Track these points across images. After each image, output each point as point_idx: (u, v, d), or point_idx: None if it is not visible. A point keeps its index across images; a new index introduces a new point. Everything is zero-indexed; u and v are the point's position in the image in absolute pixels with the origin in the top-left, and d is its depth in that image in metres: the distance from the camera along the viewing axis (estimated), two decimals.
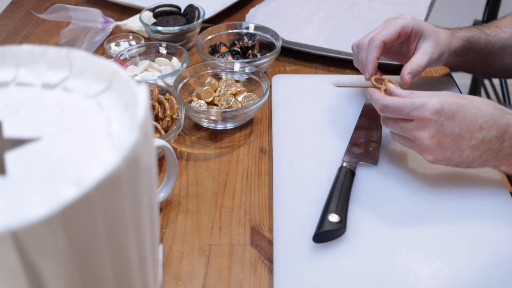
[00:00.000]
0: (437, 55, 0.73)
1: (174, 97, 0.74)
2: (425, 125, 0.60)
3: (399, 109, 0.62)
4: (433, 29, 0.74)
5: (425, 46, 0.73)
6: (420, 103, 0.61)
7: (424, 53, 0.72)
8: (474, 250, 0.58)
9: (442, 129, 0.60)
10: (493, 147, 0.61)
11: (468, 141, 0.60)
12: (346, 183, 0.64)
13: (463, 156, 0.61)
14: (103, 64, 0.40)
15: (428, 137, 0.60)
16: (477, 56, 0.80)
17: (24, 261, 0.31)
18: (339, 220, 0.59)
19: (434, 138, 0.60)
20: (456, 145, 0.61)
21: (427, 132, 0.60)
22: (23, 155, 0.35)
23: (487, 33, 0.80)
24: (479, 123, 0.60)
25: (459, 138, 0.60)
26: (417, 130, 0.61)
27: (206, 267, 0.58)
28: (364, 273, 0.56)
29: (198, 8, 0.99)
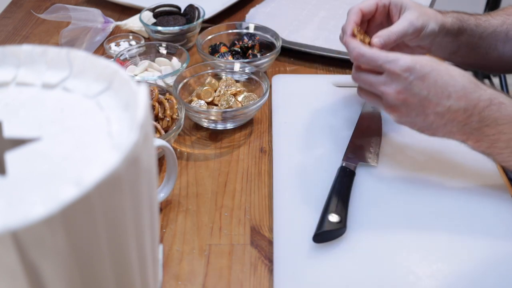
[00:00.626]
0: (420, 23, 0.70)
1: (174, 97, 0.74)
2: (393, 80, 0.60)
3: (372, 59, 0.62)
4: (416, 3, 0.73)
5: (405, 14, 0.71)
6: (393, 57, 0.60)
7: (403, 20, 0.70)
8: (474, 251, 0.58)
9: (410, 87, 0.59)
10: (459, 118, 0.60)
11: (434, 106, 0.59)
12: (346, 183, 0.64)
13: (427, 120, 0.61)
14: (103, 64, 0.40)
15: (394, 93, 0.60)
16: (469, 38, 0.78)
17: (24, 261, 0.31)
18: (339, 220, 0.59)
19: (400, 95, 0.60)
20: (421, 107, 0.60)
21: (394, 87, 0.60)
22: (23, 155, 0.35)
23: (478, 17, 0.79)
24: (448, 91, 0.59)
25: (425, 101, 0.60)
26: (385, 85, 0.61)
27: (206, 267, 0.58)
28: (364, 273, 0.56)
29: (198, 8, 0.99)
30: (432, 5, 1.08)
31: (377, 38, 0.68)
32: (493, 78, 1.83)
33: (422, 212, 0.62)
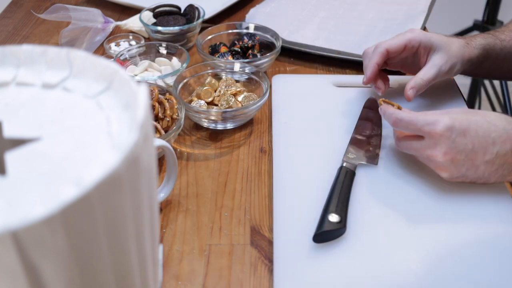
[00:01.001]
0: (448, 67, 0.73)
1: (174, 97, 0.74)
2: (436, 142, 0.60)
3: (412, 124, 0.62)
4: (444, 40, 0.74)
5: (434, 58, 0.73)
6: (432, 119, 0.61)
7: (432, 66, 0.73)
8: (475, 251, 0.58)
9: (455, 145, 0.60)
10: (508, 161, 0.61)
11: (482, 156, 0.60)
12: (346, 183, 0.64)
13: (478, 172, 0.61)
14: (103, 64, 0.40)
15: (441, 155, 0.60)
16: (493, 62, 0.79)
17: (24, 261, 0.31)
18: (339, 220, 0.59)
19: (447, 155, 0.60)
20: (470, 161, 0.60)
21: (439, 150, 0.60)
22: (23, 155, 0.35)
23: (502, 38, 0.79)
24: (492, 138, 0.60)
25: (472, 154, 0.60)
26: (430, 148, 0.61)
27: (206, 267, 0.58)
28: (364, 273, 0.56)
29: (198, 8, 0.99)
30: (432, 5, 1.08)
31: (411, 90, 0.71)
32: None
33: (422, 212, 0.62)
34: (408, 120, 0.63)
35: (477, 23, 1.80)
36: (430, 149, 0.61)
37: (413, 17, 1.03)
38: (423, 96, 0.82)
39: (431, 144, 0.61)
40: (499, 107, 1.81)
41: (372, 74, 0.74)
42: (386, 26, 1.02)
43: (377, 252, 0.58)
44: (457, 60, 0.74)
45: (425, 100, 0.81)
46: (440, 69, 0.73)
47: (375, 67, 0.74)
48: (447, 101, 0.81)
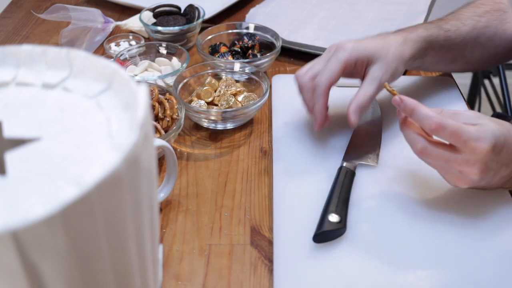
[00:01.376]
0: (389, 74, 0.69)
1: (174, 97, 0.74)
2: (477, 160, 0.55)
3: (457, 134, 0.55)
4: (380, 46, 0.69)
5: (373, 71, 0.68)
6: (477, 134, 0.55)
7: (372, 80, 0.68)
8: (475, 251, 0.58)
9: (491, 164, 0.56)
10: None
11: (505, 170, 0.58)
12: (346, 183, 0.64)
13: (492, 182, 0.59)
14: (103, 64, 0.40)
15: (478, 172, 0.56)
16: (435, 54, 0.76)
17: (24, 261, 0.31)
18: (339, 220, 0.59)
19: (482, 174, 0.56)
20: (494, 176, 0.58)
21: (478, 167, 0.56)
22: (23, 155, 0.35)
23: (446, 28, 0.76)
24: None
25: (498, 170, 0.58)
26: (467, 164, 0.56)
27: (206, 267, 0.58)
28: (364, 273, 0.56)
29: (198, 8, 0.99)
30: (432, 5, 1.08)
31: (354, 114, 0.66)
32: (493, 78, 1.82)
33: (422, 212, 0.62)
34: (454, 130, 0.55)
35: None
36: (467, 165, 0.56)
37: (413, 17, 1.03)
38: (422, 96, 0.82)
39: (470, 161, 0.56)
40: (499, 107, 1.81)
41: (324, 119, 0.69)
42: (386, 26, 1.02)
43: (377, 252, 0.58)
44: (397, 63, 0.70)
45: (425, 100, 0.81)
46: (381, 81, 0.68)
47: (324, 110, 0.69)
48: (447, 101, 0.81)
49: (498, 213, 0.62)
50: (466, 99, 1.38)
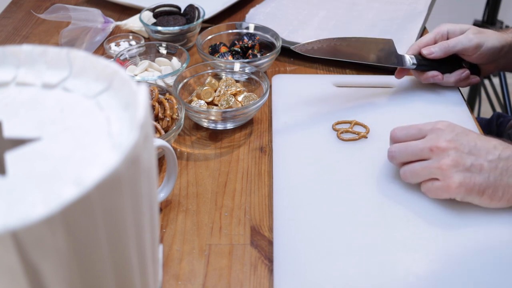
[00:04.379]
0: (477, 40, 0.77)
1: (174, 97, 0.74)
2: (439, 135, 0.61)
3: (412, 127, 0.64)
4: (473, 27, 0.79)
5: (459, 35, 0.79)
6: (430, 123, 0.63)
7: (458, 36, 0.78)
8: (475, 251, 0.58)
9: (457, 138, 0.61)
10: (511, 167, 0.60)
11: (485, 155, 0.60)
12: None
13: (483, 172, 0.59)
14: (103, 64, 0.40)
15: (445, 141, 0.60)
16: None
17: (24, 261, 0.31)
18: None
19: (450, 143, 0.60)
20: (473, 156, 0.60)
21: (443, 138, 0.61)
22: (23, 155, 0.35)
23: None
24: (492, 144, 0.61)
25: (475, 150, 0.60)
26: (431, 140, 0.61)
27: (206, 267, 0.58)
28: (364, 273, 0.56)
29: (198, 8, 0.99)
30: (432, 5, 1.08)
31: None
32: (493, 78, 1.83)
33: (422, 212, 0.62)
34: (407, 126, 0.65)
35: (477, 23, 1.80)
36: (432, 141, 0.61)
37: (413, 17, 1.04)
38: (422, 97, 0.82)
39: (433, 138, 0.61)
40: (499, 107, 1.81)
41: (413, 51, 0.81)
42: (386, 26, 1.02)
43: (377, 252, 0.58)
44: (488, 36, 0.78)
45: (425, 101, 0.81)
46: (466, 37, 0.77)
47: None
48: (447, 101, 0.81)
49: (498, 212, 0.62)
50: (466, 99, 1.38)
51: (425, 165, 0.61)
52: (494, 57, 0.80)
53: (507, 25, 1.71)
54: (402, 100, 0.81)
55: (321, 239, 0.59)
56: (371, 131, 0.75)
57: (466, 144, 0.60)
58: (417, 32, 0.98)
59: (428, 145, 0.61)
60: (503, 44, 0.78)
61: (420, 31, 0.99)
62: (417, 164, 0.62)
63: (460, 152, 0.60)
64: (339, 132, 0.74)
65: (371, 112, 0.78)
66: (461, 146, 0.60)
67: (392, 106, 0.80)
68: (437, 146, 0.60)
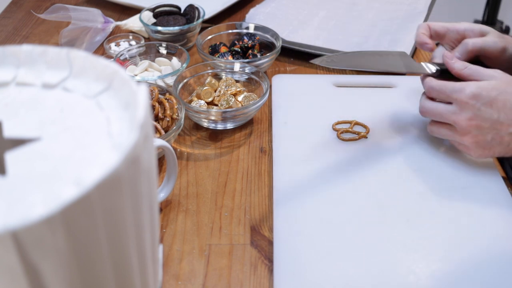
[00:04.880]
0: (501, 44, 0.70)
1: (174, 97, 0.74)
2: (462, 108, 0.63)
3: (442, 91, 0.65)
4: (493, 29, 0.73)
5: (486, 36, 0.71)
6: (459, 87, 0.63)
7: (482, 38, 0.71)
8: (474, 250, 0.58)
9: (480, 113, 0.62)
10: None
11: (507, 127, 0.62)
12: None
13: (503, 143, 0.63)
14: (103, 64, 0.40)
15: (466, 119, 0.63)
16: None
17: (24, 261, 0.31)
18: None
19: (472, 121, 0.62)
20: (494, 130, 0.62)
21: (464, 115, 0.63)
22: (23, 155, 0.35)
23: None
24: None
25: (497, 124, 0.62)
26: (455, 114, 0.63)
27: (206, 267, 0.58)
28: (364, 273, 0.56)
29: (198, 8, 0.99)
30: (432, 5, 1.08)
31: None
32: None
33: (422, 213, 0.62)
34: (438, 88, 0.65)
35: (477, 23, 1.80)
36: (455, 114, 0.63)
37: (413, 17, 1.04)
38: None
39: (457, 110, 0.63)
40: None
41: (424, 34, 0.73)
42: (386, 26, 1.02)
43: (377, 252, 0.58)
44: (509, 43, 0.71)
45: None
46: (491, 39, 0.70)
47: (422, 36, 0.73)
48: None
49: (498, 212, 0.62)
50: None
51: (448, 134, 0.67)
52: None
53: (507, 25, 1.71)
54: (402, 100, 0.81)
55: (321, 239, 0.59)
56: (371, 131, 0.75)
57: (488, 119, 0.62)
58: None
59: (452, 119, 0.64)
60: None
61: None
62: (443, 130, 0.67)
63: (480, 130, 0.63)
64: (339, 132, 0.74)
65: (371, 112, 0.78)
66: (482, 122, 0.62)
67: (392, 106, 0.80)
68: (458, 123, 0.64)
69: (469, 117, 0.62)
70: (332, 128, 0.75)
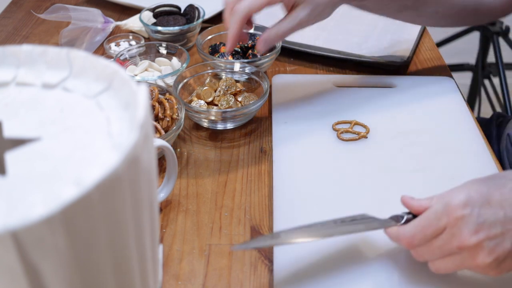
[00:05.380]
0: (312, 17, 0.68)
1: (174, 97, 0.74)
2: (460, 225, 0.48)
3: (423, 231, 0.50)
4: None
5: (296, 10, 0.68)
6: (441, 207, 0.49)
7: (292, 18, 0.69)
8: None
9: (483, 219, 0.48)
10: None
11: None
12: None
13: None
14: (103, 64, 0.40)
15: (470, 235, 0.47)
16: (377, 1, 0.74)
17: (24, 261, 0.31)
18: None
19: (479, 233, 0.47)
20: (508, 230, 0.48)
21: (467, 231, 0.47)
22: (23, 155, 0.35)
23: None
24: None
25: (508, 221, 0.48)
26: (455, 237, 0.48)
27: (206, 267, 0.58)
28: (364, 273, 0.56)
29: (198, 8, 0.99)
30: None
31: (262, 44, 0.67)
32: (493, 78, 1.82)
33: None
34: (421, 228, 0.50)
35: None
36: (455, 237, 0.48)
37: None
38: (422, 96, 0.82)
39: (455, 232, 0.48)
40: (499, 107, 1.81)
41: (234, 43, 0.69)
42: (386, 26, 1.02)
43: (377, 252, 0.58)
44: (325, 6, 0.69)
45: (425, 101, 0.81)
46: (301, 21, 0.68)
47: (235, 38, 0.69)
48: (447, 101, 0.81)
49: None
50: (466, 99, 1.38)
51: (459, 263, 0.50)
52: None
53: (507, 25, 1.71)
54: (402, 100, 0.81)
55: (321, 239, 0.59)
56: (371, 131, 0.75)
57: (494, 222, 0.48)
58: (417, 32, 0.98)
59: (455, 244, 0.49)
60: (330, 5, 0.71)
61: (420, 31, 0.99)
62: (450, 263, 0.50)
63: (494, 239, 0.48)
64: (339, 132, 0.74)
65: (371, 112, 0.78)
66: (491, 228, 0.48)
67: (392, 106, 0.80)
68: (465, 245, 0.48)
69: (474, 230, 0.47)
70: (332, 128, 0.75)
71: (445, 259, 0.50)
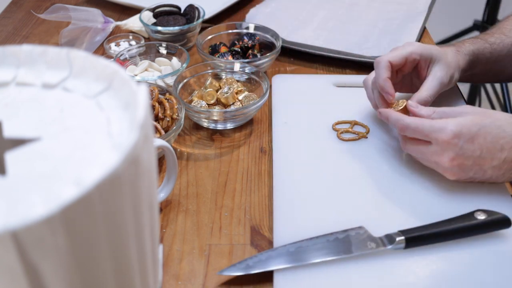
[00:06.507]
0: (448, 78, 0.72)
1: (174, 97, 0.74)
2: (444, 149, 0.61)
3: (418, 130, 0.62)
4: (441, 51, 0.73)
5: (435, 70, 0.71)
6: (439, 126, 0.61)
7: (434, 78, 0.71)
8: (474, 250, 0.58)
9: (462, 152, 0.60)
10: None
11: (490, 162, 0.61)
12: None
13: (485, 175, 0.62)
14: (103, 64, 0.40)
15: (448, 161, 0.61)
16: (484, 67, 0.78)
17: (24, 261, 0.31)
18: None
19: (454, 161, 0.61)
20: (477, 166, 0.61)
21: (447, 156, 0.61)
22: (23, 155, 0.35)
23: (491, 41, 0.78)
24: (500, 144, 0.60)
25: (480, 160, 0.61)
26: (437, 154, 0.62)
27: (206, 267, 0.58)
28: (364, 273, 0.56)
29: (198, 8, 0.99)
30: (432, 5, 1.08)
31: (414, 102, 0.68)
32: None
33: (422, 213, 0.62)
34: (414, 127, 0.63)
35: (477, 23, 1.80)
36: (437, 155, 0.62)
37: (413, 17, 1.03)
38: None
39: (438, 151, 0.61)
40: (499, 107, 1.81)
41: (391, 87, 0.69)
42: (386, 26, 1.02)
43: (377, 252, 0.58)
44: (455, 69, 0.73)
45: None
46: (442, 81, 0.71)
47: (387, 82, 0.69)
48: (447, 102, 0.81)
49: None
50: (466, 99, 1.38)
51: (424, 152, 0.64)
52: None
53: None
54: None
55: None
56: (371, 131, 0.75)
57: (470, 156, 0.60)
58: (417, 32, 0.98)
59: (434, 160, 0.63)
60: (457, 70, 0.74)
61: (420, 31, 0.99)
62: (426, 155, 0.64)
63: (463, 168, 0.61)
64: (339, 132, 0.74)
65: (371, 112, 0.78)
66: (465, 161, 0.61)
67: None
68: (440, 164, 0.62)
69: (452, 157, 0.61)
70: (332, 128, 0.75)
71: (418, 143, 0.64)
